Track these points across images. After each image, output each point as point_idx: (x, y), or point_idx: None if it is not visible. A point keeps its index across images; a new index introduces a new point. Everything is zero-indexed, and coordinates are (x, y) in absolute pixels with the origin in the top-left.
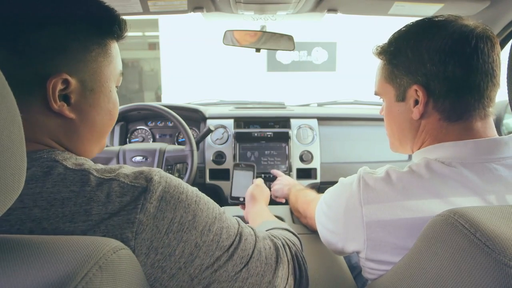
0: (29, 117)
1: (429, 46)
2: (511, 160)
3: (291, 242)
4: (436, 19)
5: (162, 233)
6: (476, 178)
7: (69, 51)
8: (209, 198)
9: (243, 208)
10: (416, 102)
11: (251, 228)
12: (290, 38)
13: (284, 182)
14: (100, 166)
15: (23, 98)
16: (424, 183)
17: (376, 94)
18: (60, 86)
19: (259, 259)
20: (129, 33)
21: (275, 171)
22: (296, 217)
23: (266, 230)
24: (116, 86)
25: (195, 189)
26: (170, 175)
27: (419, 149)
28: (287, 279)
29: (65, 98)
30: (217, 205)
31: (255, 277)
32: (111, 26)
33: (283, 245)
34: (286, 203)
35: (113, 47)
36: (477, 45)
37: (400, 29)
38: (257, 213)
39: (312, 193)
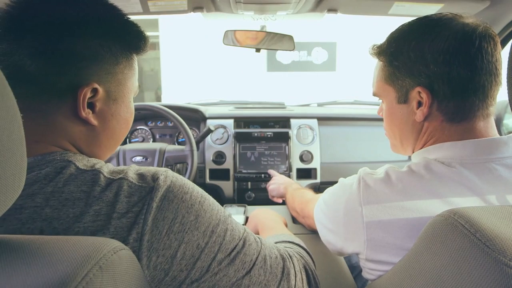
0: (54, 122)
1: (432, 47)
2: (511, 160)
3: (300, 255)
4: (435, 17)
5: (163, 234)
6: (476, 178)
7: (102, 62)
8: (215, 200)
9: None
10: (419, 104)
11: (258, 237)
12: (290, 38)
13: (280, 181)
14: (110, 166)
15: (53, 103)
16: (423, 184)
17: (374, 95)
18: (89, 95)
19: (262, 267)
20: None
21: (271, 171)
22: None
23: (276, 243)
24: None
25: (201, 190)
26: (177, 175)
27: (419, 149)
28: None
29: (90, 105)
30: (222, 208)
31: (257, 286)
32: (139, 42)
33: (290, 256)
34: (283, 203)
35: (136, 61)
36: (481, 45)
37: (399, 29)
38: (267, 221)
39: (309, 193)
